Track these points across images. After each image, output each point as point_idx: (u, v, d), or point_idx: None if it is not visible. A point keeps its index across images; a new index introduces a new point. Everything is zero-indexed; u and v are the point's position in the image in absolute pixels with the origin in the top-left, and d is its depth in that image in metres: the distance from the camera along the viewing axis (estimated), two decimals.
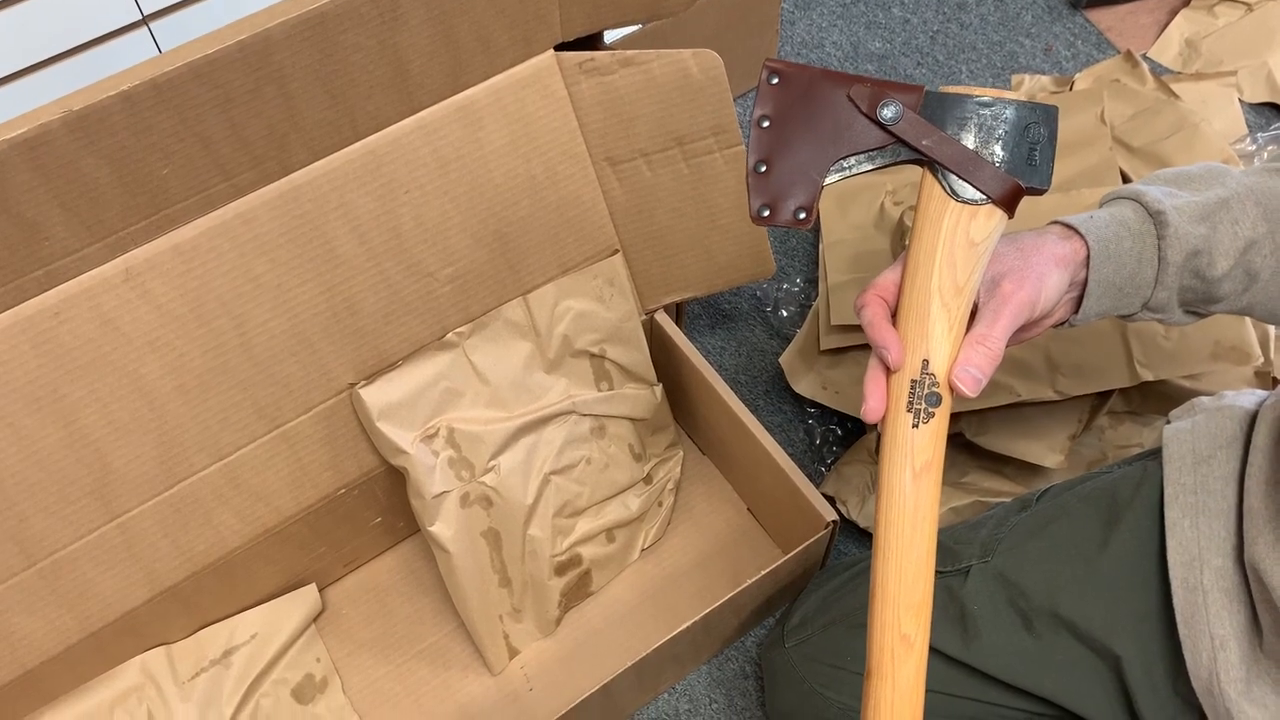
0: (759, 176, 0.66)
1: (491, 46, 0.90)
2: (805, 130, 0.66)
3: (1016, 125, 0.65)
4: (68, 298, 0.81)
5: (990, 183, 0.64)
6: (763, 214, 0.66)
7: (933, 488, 0.63)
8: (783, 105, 0.66)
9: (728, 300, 1.35)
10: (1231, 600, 0.72)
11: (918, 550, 0.63)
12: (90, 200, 0.77)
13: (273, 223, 0.87)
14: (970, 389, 0.63)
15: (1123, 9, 1.61)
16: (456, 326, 0.97)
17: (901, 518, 0.63)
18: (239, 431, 0.92)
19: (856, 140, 0.65)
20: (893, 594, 0.63)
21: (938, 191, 0.65)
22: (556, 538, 1.05)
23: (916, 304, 0.65)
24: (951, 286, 0.64)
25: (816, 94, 0.66)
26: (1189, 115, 1.29)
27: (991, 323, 0.65)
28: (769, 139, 0.66)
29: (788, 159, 0.66)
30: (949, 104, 0.65)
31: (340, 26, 0.79)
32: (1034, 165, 0.65)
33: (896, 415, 0.64)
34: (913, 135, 0.64)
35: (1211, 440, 0.77)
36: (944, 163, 0.64)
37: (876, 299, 0.67)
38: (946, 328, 0.64)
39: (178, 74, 0.74)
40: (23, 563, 0.86)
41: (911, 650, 0.63)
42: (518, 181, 0.96)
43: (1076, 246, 0.70)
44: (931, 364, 0.64)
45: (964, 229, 0.64)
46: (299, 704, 1.04)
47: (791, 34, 1.60)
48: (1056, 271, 0.68)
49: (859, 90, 0.65)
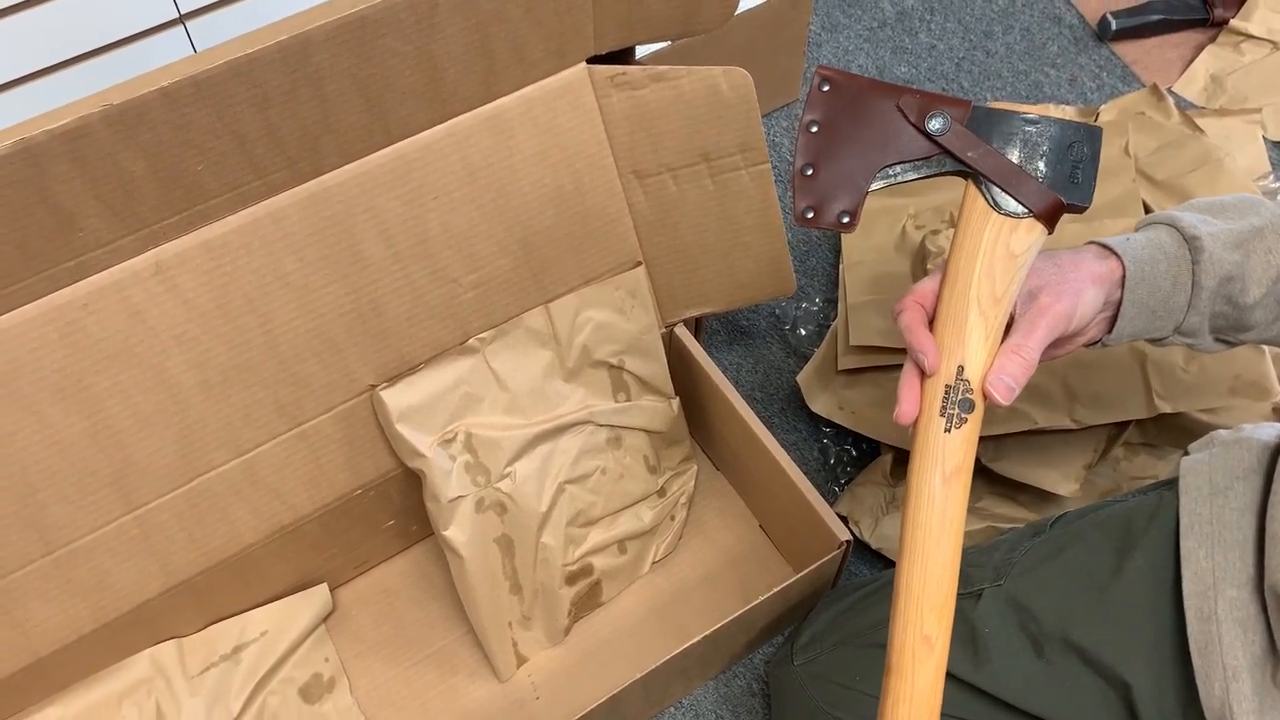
0: (805, 179, 0.68)
1: (526, 57, 0.91)
2: (853, 137, 0.67)
3: (1060, 143, 0.66)
4: (98, 289, 0.82)
5: (1032, 197, 0.65)
6: (807, 215, 0.68)
7: (962, 492, 0.64)
8: (832, 111, 0.68)
9: (746, 317, 1.36)
10: (1246, 630, 0.72)
11: (944, 552, 0.64)
12: (125, 193, 0.78)
13: (302, 223, 0.87)
14: (1004, 397, 0.64)
15: (1149, 43, 1.62)
16: (478, 332, 0.98)
17: (930, 520, 0.64)
18: (259, 429, 0.92)
19: (903, 149, 0.67)
20: (917, 593, 0.64)
21: (980, 203, 0.66)
22: (569, 547, 1.06)
23: (954, 311, 0.66)
24: (990, 296, 0.65)
25: (866, 102, 0.67)
26: (1213, 150, 1.29)
27: (1028, 333, 0.66)
28: (817, 143, 0.68)
29: (834, 164, 0.67)
30: (996, 119, 0.67)
31: (378, 31, 0.80)
32: (1076, 183, 0.66)
33: (930, 420, 0.65)
34: (959, 147, 0.66)
35: (1229, 472, 0.77)
36: (988, 175, 0.66)
37: (915, 305, 0.68)
38: (983, 336, 0.65)
39: (217, 72, 0.75)
40: (40, 550, 0.87)
41: (932, 651, 0.64)
42: (545, 191, 0.96)
43: (1113, 266, 0.71)
44: (966, 370, 0.65)
45: (1004, 241, 0.66)
46: (306, 703, 1.04)
47: (819, 56, 1.61)
48: (1093, 288, 0.69)
49: (908, 100, 0.67)
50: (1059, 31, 1.64)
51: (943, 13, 1.67)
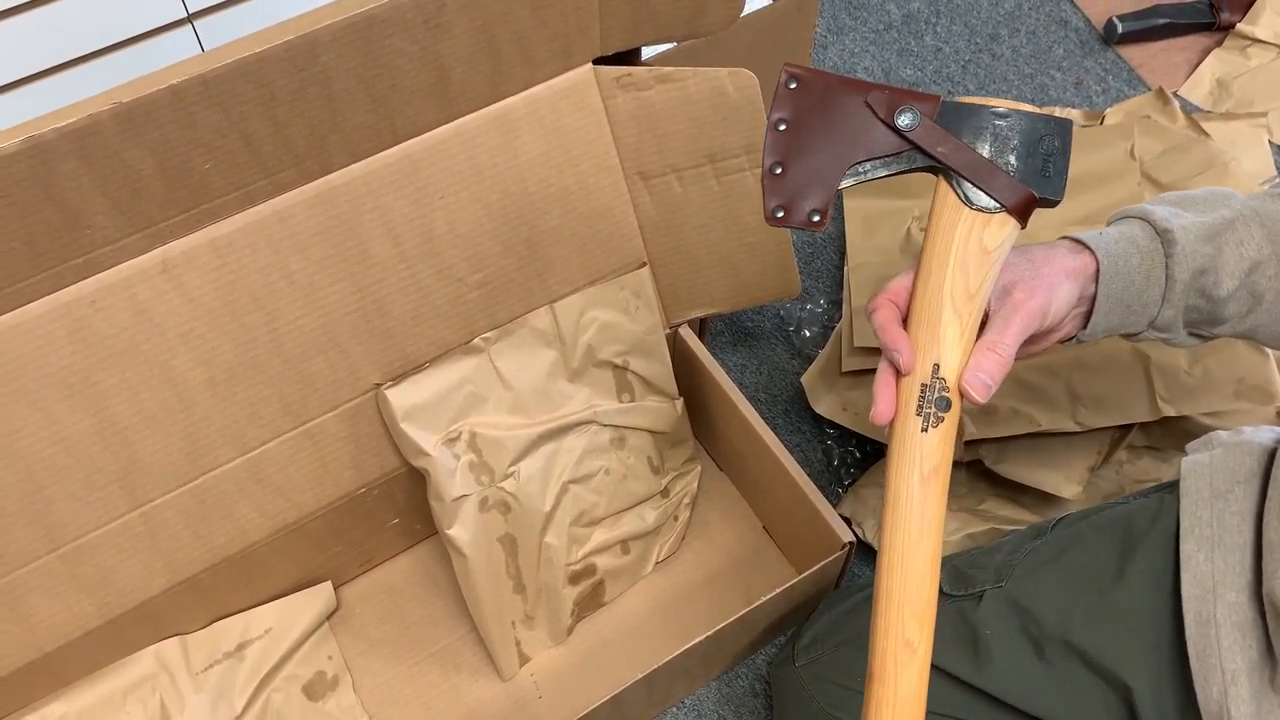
0: (775, 178, 0.67)
1: (532, 58, 0.91)
2: (822, 134, 0.66)
3: (1031, 136, 0.65)
4: (105, 286, 0.83)
5: (1004, 191, 0.65)
6: (777, 214, 0.67)
7: (940, 492, 0.64)
8: (800, 109, 0.67)
9: (751, 318, 1.36)
10: (1244, 635, 0.72)
11: (923, 554, 0.63)
12: (133, 191, 0.79)
13: (309, 221, 0.88)
14: (980, 395, 0.64)
15: (1155, 46, 1.62)
16: (483, 332, 0.98)
17: (908, 522, 0.63)
18: (265, 426, 0.93)
19: (872, 145, 0.66)
20: (897, 598, 0.63)
21: (952, 199, 0.66)
22: (572, 546, 1.06)
23: (929, 309, 0.65)
24: (964, 292, 0.65)
25: (834, 99, 0.66)
26: (1219, 154, 1.29)
27: (1003, 329, 0.65)
28: (786, 141, 0.67)
29: (804, 162, 0.67)
30: (965, 113, 0.66)
31: (386, 32, 0.81)
32: (1047, 176, 0.65)
33: (906, 419, 0.64)
34: (928, 142, 0.65)
35: (1229, 476, 0.77)
36: (959, 170, 0.65)
37: (888, 303, 0.68)
38: (958, 333, 0.65)
39: (225, 71, 0.76)
40: (46, 546, 0.87)
41: (914, 656, 0.63)
42: (550, 191, 0.97)
43: (1086, 260, 0.71)
44: (942, 369, 0.64)
45: (977, 236, 0.65)
46: (309, 701, 1.05)
47: (824, 58, 1.62)
48: (1067, 283, 0.69)
49: (876, 96, 0.66)
50: (1065, 35, 1.65)
51: (949, 15, 1.67)
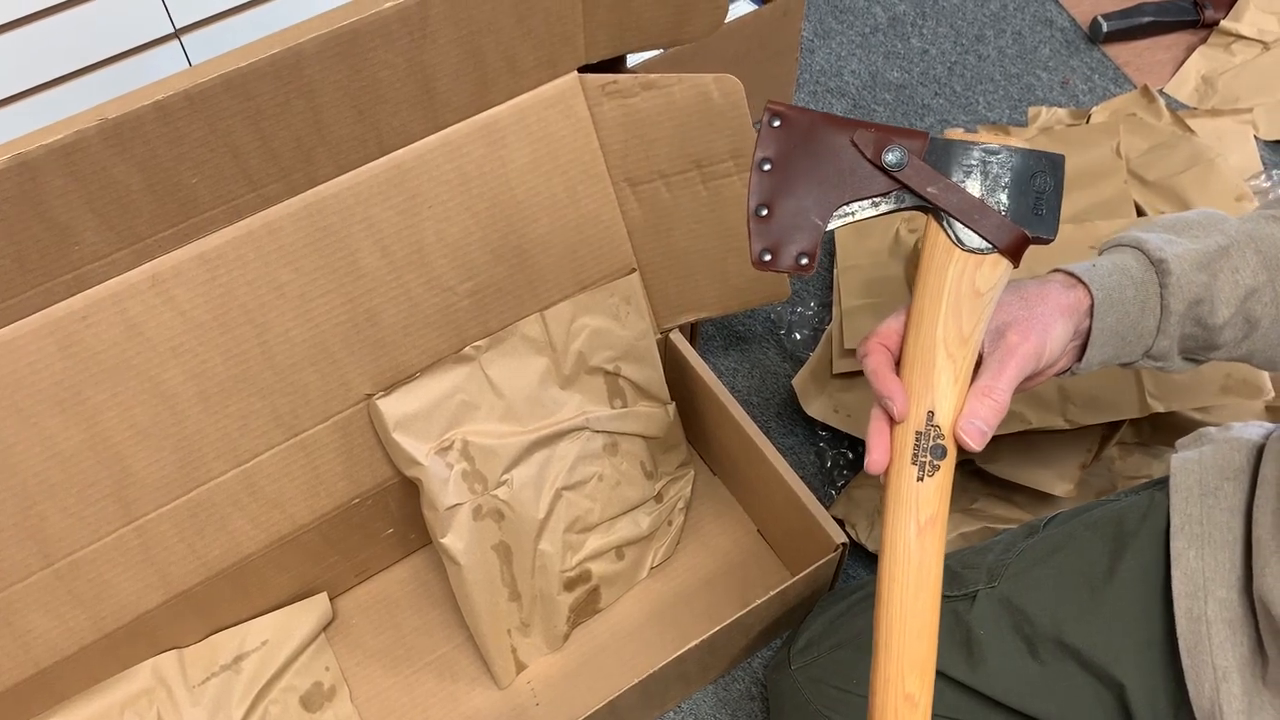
0: (760, 220, 0.65)
1: (517, 67, 0.91)
2: (808, 174, 0.64)
3: (1023, 174, 0.64)
4: (95, 302, 0.83)
5: (996, 231, 0.63)
6: (764, 258, 0.65)
7: (937, 542, 0.62)
8: (785, 148, 0.65)
9: (741, 322, 1.36)
10: (1235, 631, 0.72)
11: (923, 606, 0.62)
12: (121, 207, 0.79)
13: (297, 234, 0.88)
14: (976, 442, 0.62)
15: (1140, 44, 1.63)
16: (474, 340, 0.99)
17: (906, 573, 0.62)
18: (257, 439, 0.93)
19: (860, 186, 0.64)
20: (897, 651, 0.62)
21: (943, 240, 0.64)
22: (566, 553, 1.06)
23: (921, 354, 0.63)
24: (957, 337, 0.63)
25: (820, 138, 0.65)
26: (1204, 151, 1.30)
27: (997, 374, 0.64)
28: (771, 183, 0.65)
29: (790, 203, 0.64)
30: (954, 150, 0.64)
31: (370, 44, 0.81)
32: (1040, 215, 0.64)
33: (901, 468, 0.63)
34: (917, 182, 0.63)
35: (1219, 472, 0.78)
36: (949, 210, 0.63)
37: (880, 348, 0.66)
38: (952, 378, 0.63)
39: (210, 85, 0.76)
40: (41, 562, 0.88)
41: (915, 710, 0.61)
42: (538, 199, 0.97)
43: (1080, 296, 0.70)
44: (937, 415, 0.63)
45: (969, 278, 0.63)
46: (307, 712, 1.05)
47: (811, 62, 1.62)
48: (1061, 321, 0.68)
49: (863, 135, 0.64)
50: (1050, 34, 1.65)
51: (934, 17, 1.67)
